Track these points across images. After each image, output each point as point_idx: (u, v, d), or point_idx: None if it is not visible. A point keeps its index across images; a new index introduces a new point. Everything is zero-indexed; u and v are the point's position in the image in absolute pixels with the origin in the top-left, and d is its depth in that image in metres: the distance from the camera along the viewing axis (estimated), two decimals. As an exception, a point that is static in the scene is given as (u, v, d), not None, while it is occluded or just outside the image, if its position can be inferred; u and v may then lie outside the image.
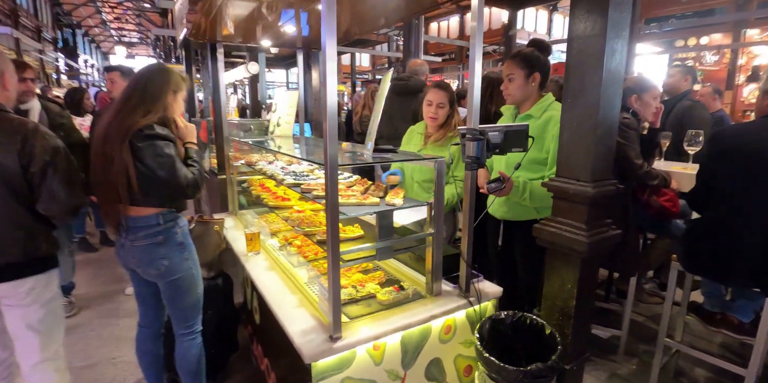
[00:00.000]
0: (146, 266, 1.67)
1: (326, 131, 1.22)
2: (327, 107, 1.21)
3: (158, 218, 1.64)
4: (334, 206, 1.27)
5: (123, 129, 1.53)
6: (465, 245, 1.68)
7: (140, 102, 1.59)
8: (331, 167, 1.24)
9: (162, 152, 1.55)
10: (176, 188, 1.58)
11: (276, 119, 2.98)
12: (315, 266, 1.91)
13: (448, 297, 1.72)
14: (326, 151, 1.23)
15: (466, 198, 1.64)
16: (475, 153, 1.60)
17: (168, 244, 1.67)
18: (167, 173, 1.55)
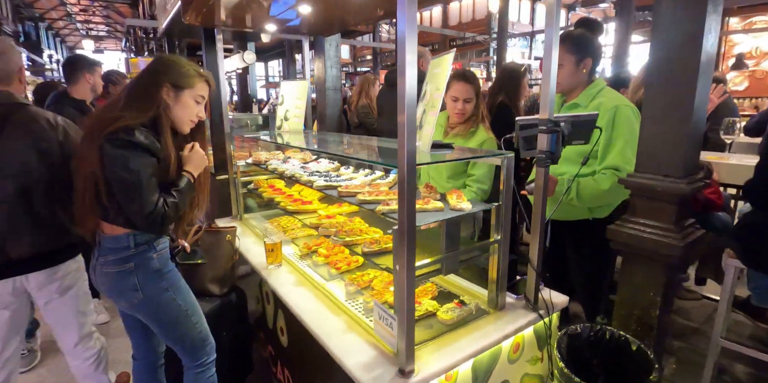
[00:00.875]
0: (117, 297, 1.38)
1: (404, 125, 0.98)
2: (405, 98, 0.97)
3: (129, 240, 1.33)
4: (411, 216, 1.03)
5: (99, 127, 1.24)
6: (534, 250, 1.47)
7: (127, 96, 1.31)
8: (408, 169, 1.00)
9: (131, 166, 1.21)
10: (135, 217, 1.25)
11: (283, 112, 2.69)
12: (351, 279, 1.67)
13: (514, 311, 1.51)
14: (403, 149, 0.99)
15: (538, 198, 1.43)
16: (550, 147, 1.38)
17: (141, 272, 1.35)
18: (126, 195, 1.23)
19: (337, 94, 3.19)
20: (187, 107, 1.36)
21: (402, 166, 1.00)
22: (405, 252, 1.05)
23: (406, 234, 1.04)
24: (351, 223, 1.73)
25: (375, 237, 1.60)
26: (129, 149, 1.21)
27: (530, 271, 1.51)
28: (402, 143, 0.99)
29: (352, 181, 1.69)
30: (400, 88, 0.97)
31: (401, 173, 1.00)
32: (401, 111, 0.98)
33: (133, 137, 1.21)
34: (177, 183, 1.34)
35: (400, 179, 1.01)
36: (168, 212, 1.26)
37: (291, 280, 1.81)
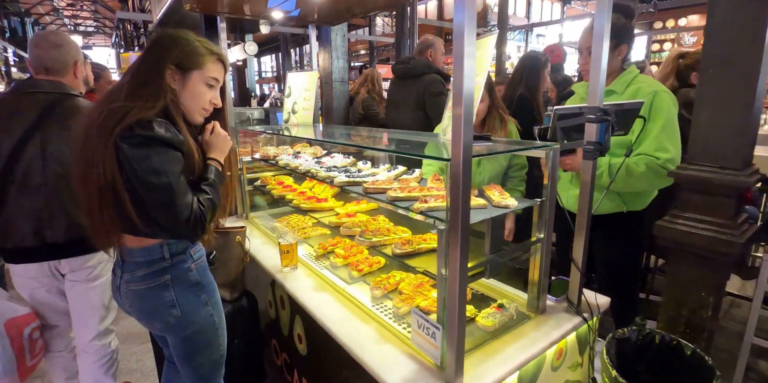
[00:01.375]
0: (149, 318, 1.21)
1: (461, 116, 0.86)
2: (464, 89, 0.85)
3: (162, 250, 1.17)
4: (466, 215, 0.91)
5: (107, 125, 1.02)
6: (579, 248, 1.36)
7: (131, 84, 1.09)
8: (464, 163, 0.88)
9: (157, 167, 1.02)
10: (170, 225, 1.07)
11: (291, 105, 2.55)
12: (377, 282, 1.55)
13: (557, 315, 1.40)
14: (459, 140, 0.87)
15: (584, 194, 1.32)
16: (599, 137, 1.27)
17: (179, 286, 1.20)
18: (156, 202, 1.04)
19: (344, 86, 3.06)
20: (197, 93, 1.15)
21: (457, 159, 0.88)
22: (458, 255, 0.93)
23: (459, 235, 0.92)
24: (375, 222, 1.61)
25: (405, 237, 1.48)
26: (151, 147, 1.02)
27: (573, 271, 1.40)
28: (458, 134, 0.87)
29: (376, 177, 1.56)
30: (458, 79, 0.86)
31: (455, 168, 0.88)
32: (457, 102, 0.86)
33: (153, 130, 1.01)
34: (205, 175, 1.16)
35: (454, 174, 0.89)
36: (205, 212, 1.08)
37: (309, 284, 1.68)
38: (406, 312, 1.39)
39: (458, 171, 0.88)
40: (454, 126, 0.87)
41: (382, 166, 1.79)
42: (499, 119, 1.90)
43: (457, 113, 0.86)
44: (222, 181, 1.21)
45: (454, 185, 0.89)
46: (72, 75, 1.66)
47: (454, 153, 0.88)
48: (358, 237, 1.45)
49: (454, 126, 0.87)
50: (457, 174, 0.88)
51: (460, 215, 0.90)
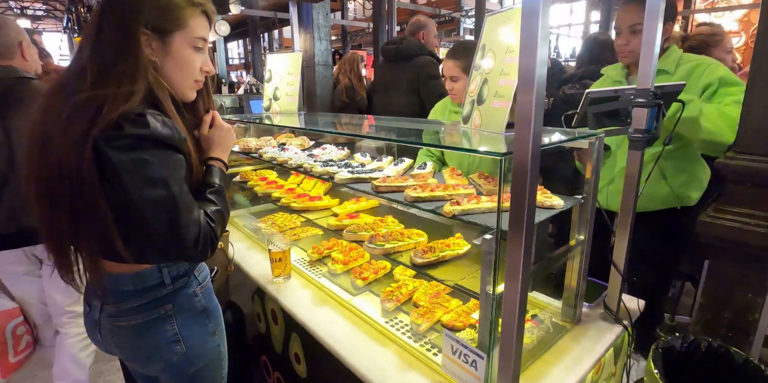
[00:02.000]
0: (145, 359, 0.99)
1: (533, 102, 0.65)
2: (536, 73, 0.65)
3: (161, 274, 0.94)
4: (530, 220, 0.71)
5: (78, 125, 0.76)
6: (621, 250, 1.21)
7: (94, 64, 0.81)
8: (533, 158, 0.68)
9: (157, 175, 0.78)
10: (173, 249, 0.83)
11: (272, 90, 2.27)
12: (387, 293, 1.35)
13: (593, 324, 1.25)
14: (529, 130, 0.66)
15: (630, 189, 1.15)
16: (648, 124, 1.10)
17: (182, 315, 0.98)
18: (159, 221, 0.79)
19: (327, 70, 2.79)
20: (184, 61, 0.89)
21: (524, 154, 0.68)
22: (520, 271, 0.74)
23: (523, 246, 0.72)
24: (384, 224, 1.39)
25: (422, 242, 1.28)
26: (145, 149, 0.77)
27: (613, 275, 1.25)
28: (526, 123, 0.66)
29: (383, 172, 1.34)
30: (530, 62, 0.65)
31: (521, 164, 0.68)
32: (527, 88, 0.65)
33: (147, 127, 0.77)
34: (207, 180, 0.93)
35: (519, 172, 0.69)
36: (215, 228, 0.85)
37: (307, 297, 1.46)
38: (427, 328, 1.20)
39: (525, 168, 0.68)
40: (522, 114, 0.67)
41: (384, 159, 1.57)
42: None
43: (527, 98, 0.66)
44: (228, 186, 1.00)
45: (519, 185, 0.69)
46: (20, 57, 1.60)
47: (520, 147, 0.68)
48: (368, 244, 1.24)
49: (522, 114, 0.67)
50: (523, 171, 0.68)
51: (525, 222, 0.71)
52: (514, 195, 0.71)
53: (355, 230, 1.34)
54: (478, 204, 0.98)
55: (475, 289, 1.00)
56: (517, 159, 0.69)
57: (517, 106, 0.68)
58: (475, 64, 1.23)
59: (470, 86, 1.24)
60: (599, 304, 1.34)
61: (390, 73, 2.53)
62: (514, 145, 0.69)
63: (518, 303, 0.76)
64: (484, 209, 0.98)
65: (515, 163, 0.69)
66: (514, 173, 0.70)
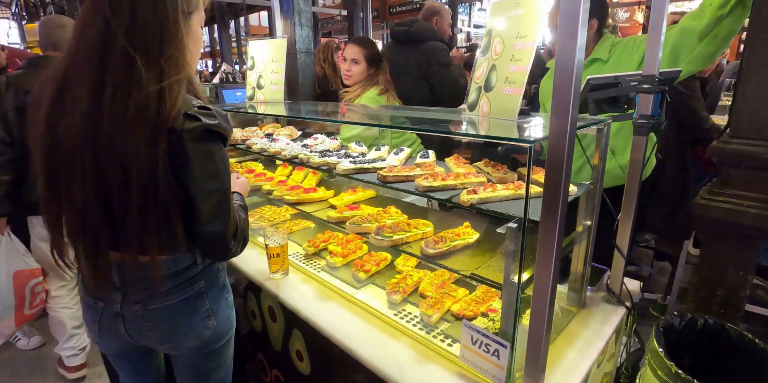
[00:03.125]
0: (181, 337, 1.00)
1: (572, 87, 0.63)
2: (575, 58, 0.62)
3: (193, 256, 0.97)
4: (563, 209, 0.70)
5: (147, 116, 0.77)
6: (625, 233, 1.23)
7: (141, 52, 0.78)
8: (569, 146, 0.66)
9: (219, 168, 0.85)
10: (216, 242, 0.88)
11: (255, 78, 2.17)
12: (393, 285, 1.33)
13: (597, 307, 1.28)
14: (567, 118, 0.65)
15: (634, 173, 1.17)
16: (653, 110, 1.11)
17: (212, 291, 1.03)
18: (212, 213, 0.85)
19: (309, 58, 2.69)
20: (198, 39, 0.93)
21: (560, 140, 0.66)
22: (552, 261, 0.73)
23: (556, 235, 0.71)
24: (388, 215, 1.36)
25: (429, 232, 1.26)
26: (213, 141, 0.83)
27: (617, 258, 1.27)
28: (566, 108, 0.64)
29: (386, 161, 1.31)
30: (569, 46, 0.63)
31: (556, 151, 0.67)
32: (566, 73, 0.63)
33: (215, 119, 0.82)
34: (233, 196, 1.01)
35: (554, 159, 0.67)
36: (245, 231, 0.95)
37: (309, 292, 1.42)
38: (437, 319, 1.19)
39: (562, 153, 0.66)
40: (559, 98, 0.65)
41: (382, 148, 1.53)
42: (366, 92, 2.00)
43: (564, 83, 0.64)
44: (247, 212, 1.04)
45: (555, 171, 0.68)
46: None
47: (557, 131, 0.66)
48: (375, 236, 1.20)
49: (559, 98, 0.65)
50: (559, 157, 0.66)
51: (559, 209, 0.69)
52: (549, 181, 0.69)
53: (359, 221, 1.30)
54: (495, 192, 0.97)
55: (492, 278, 0.99)
56: (553, 146, 0.67)
57: (555, 90, 0.66)
58: (480, 50, 1.21)
59: (476, 73, 1.22)
60: (600, 287, 1.37)
61: (398, 55, 2.44)
62: (551, 130, 0.67)
63: (550, 291, 0.76)
64: (501, 197, 0.97)
65: (551, 149, 0.68)
66: (550, 158, 0.68)
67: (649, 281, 2.96)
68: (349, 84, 2.12)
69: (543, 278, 0.75)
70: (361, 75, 2.04)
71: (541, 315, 0.78)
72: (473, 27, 12.79)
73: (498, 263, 1.08)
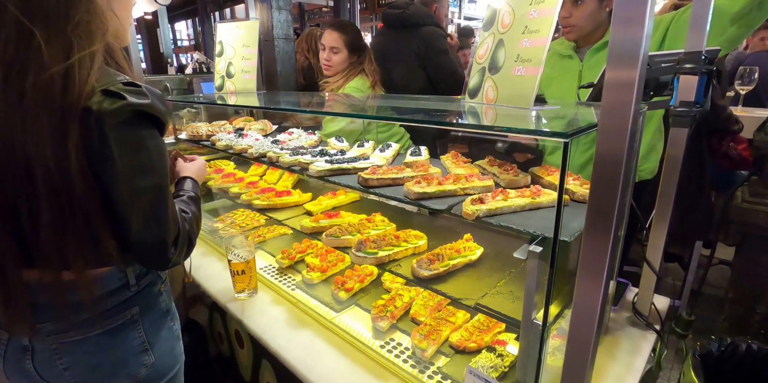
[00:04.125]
0: (107, 378, 0.80)
1: (637, 75, 0.41)
2: (642, 43, 0.40)
3: (125, 275, 0.79)
4: (620, 216, 0.49)
5: (50, 100, 0.60)
6: (658, 244, 1.02)
7: (40, 22, 0.61)
8: (629, 146, 0.44)
9: (149, 160, 0.68)
10: (150, 248, 0.71)
11: (224, 66, 1.93)
12: (379, 308, 1.11)
13: (623, 332, 1.08)
14: (630, 107, 0.43)
15: (670, 173, 0.96)
16: (697, 96, 0.90)
17: (149, 318, 0.83)
18: (144, 214, 0.68)
19: (289, 44, 2.45)
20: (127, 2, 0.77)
21: (620, 134, 0.44)
22: (601, 294, 0.52)
23: (607, 261, 0.50)
24: (372, 224, 1.14)
25: (421, 246, 1.03)
26: (141, 126, 0.67)
27: (646, 275, 1.07)
28: (627, 97, 0.42)
29: (369, 160, 1.08)
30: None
31: (613, 134, 0.45)
32: (628, 58, 0.41)
33: (145, 97, 0.66)
34: (182, 187, 0.91)
35: (608, 153, 0.45)
36: (192, 232, 0.77)
37: (280, 317, 1.19)
38: (432, 353, 0.97)
39: (621, 151, 0.44)
40: (614, 88, 0.43)
41: (366, 143, 1.30)
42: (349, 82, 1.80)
43: (626, 75, 0.42)
44: (200, 201, 0.89)
45: (610, 176, 0.46)
46: None
47: (616, 115, 0.44)
48: (356, 252, 0.98)
49: (614, 88, 0.43)
50: (616, 160, 0.45)
51: (612, 231, 0.48)
52: (599, 190, 0.47)
53: (337, 233, 1.08)
54: (507, 201, 0.75)
55: (503, 309, 0.78)
56: (603, 141, 0.45)
57: (609, 69, 0.44)
58: (482, 26, 0.98)
59: (478, 51, 0.99)
60: (624, 305, 1.17)
61: (392, 42, 2.20)
62: (600, 119, 0.45)
63: (593, 339, 0.54)
64: (515, 207, 0.75)
65: (603, 141, 0.46)
66: (599, 158, 0.46)
67: (658, 283, 2.79)
68: (329, 75, 1.90)
69: (583, 321, 0.54)
70: (343, 64, 1.82)
71: (580, 366, 0.57)
72: (464, 19, 12.56)
73: (509, 287, 0.86)
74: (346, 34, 1.76)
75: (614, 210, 0.48)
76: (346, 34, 1.76)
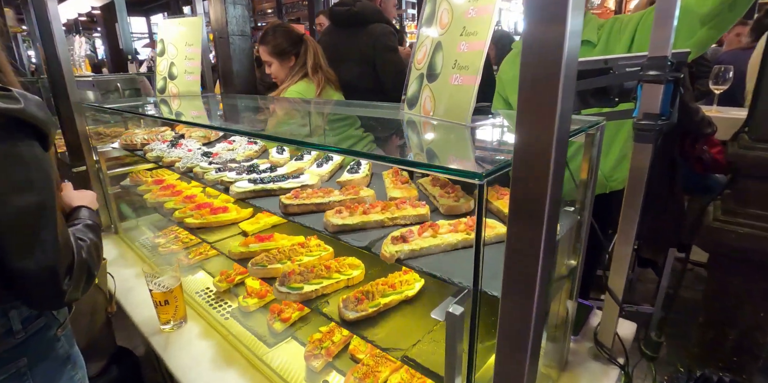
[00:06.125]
0: None
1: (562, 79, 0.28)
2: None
3: (8, 319, 0.68)
4: (546, 262, 0.37)
5: None
6: (620, 272, 0.92)
7: None
8: (555, 173, 0.32)
9: (28, 176, 0.59)
10: (35, 281, 0.60)
11: (166, 67, 1.76)
12: (315, 342, 0.99)
13: (584, 367, 0.97)
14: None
15: (634, 189, 0.85)
16: (662, 107, 0.79)
17: (42, 369, 0.73)
18: (26, 240, 0.59)
19: (245, 42, 2.29)
20: None
21: (543, 159, 0.32)
22: (525, 361, 0.40)
23: (533, 319, 0.38)
24: (306, 249, 1.00)
25: (356, 277, 0.90)
26: (17, 138, 0.58)
27: (608, 304, 0.96)
28: (549, 104, 0.30)
29: (301, 178, 0.94)
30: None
31: (534, 178, 0.33)
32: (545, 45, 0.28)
33: (17, 102, 0.57)
34: (77, 215, 0.81)
35: (526, 189, 0.33)
36: (90, 262, 0.68)
37: (206, 353, 1.06)
38: (370, 399, 0.85)
39: (541, 193, 0.32)
40: (531, 93, 0.31)
41: (306, 156, 1.17)
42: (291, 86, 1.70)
43: (541, 65, 0.29)
44: (100, 227, 0.81)
45: (529, 221, 0.34)
46: None
47: (533, 150, 0.32)
48: (279, 287, 0.85)
49: (531, 93, 0.31)
50: (536, 198, 0.33)
51: (536, 289, 0.36)
52: (517, 238, 0.35)
53: (263, 262, 0.94)
54: (436, 238, 0.63)
55: (436, 361, 0.66)
56: (521, 177, 0.33)
57: (523, 79, 0.31)
58: (423, 20, 0.86)
59: (417, 54, 0.87)
60: (585, 334, 1.07)
61: (340, 40, 2.07)
62: (518, 150, 0.33)
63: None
64: (445, 246, 0.63)
65: (518, 183, 0.33)
66: (518, 198, 0.34)
67: (629, 288, 2.74)
68: (279, 85, 1.81)
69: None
70: (284, 71, 1.74)
71: None
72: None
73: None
74: (267, 44, 1.70)
75: (536, 272, 0.36)
76: (267, 45, 1.70)
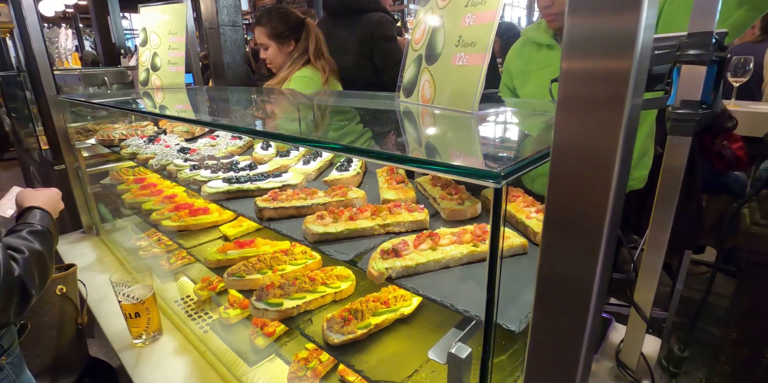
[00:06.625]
0: None
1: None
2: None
3: None
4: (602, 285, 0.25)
5: None
6: (647, 286, 0.80)
7: None
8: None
9: None
10: None
11: (148, 58, 1.65)
12: (300, 360, 0.88)
13: (604, 391, 0.86)
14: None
15: (668, 189, 0.74)
16: (704, 93, 0.67)
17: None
18: None
19: (237, 33, 2.17)
20: None
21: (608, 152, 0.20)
22: None
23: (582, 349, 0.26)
24: (289, 257, 0.89)
25: (345, 291, 0.79)
26: None
27: (633, 320, 0.85)
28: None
29: (283, 177, 0.83)
30: None
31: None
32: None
33: None
34: (26, 220, 0.76)
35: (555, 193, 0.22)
36: (24, 276, 0.62)
37: (179, 371, 0.94)
38: (360, 431, 0.74)
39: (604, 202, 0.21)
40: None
41: (293, 153, 1.05)
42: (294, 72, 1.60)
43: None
44: (55, 234, 0.77)
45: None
46: None
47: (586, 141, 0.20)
48: (255, 303, 0.74)
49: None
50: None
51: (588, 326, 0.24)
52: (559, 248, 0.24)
53: (240, 272, 0.83)
54: (436, 252, 0.51)
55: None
56: (562, 173, 0.21)
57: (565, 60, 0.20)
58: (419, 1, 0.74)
59: (415, 33, 0.75)
60: (606, 351, 0.96)
61: (335, 30, 1.95)
62: (556, 140, 0.21)
63: None
64: (447, 260, 0.51)
65: (556, 179, 0.22)
66: (555, 201, 0.22)
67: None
68: (276, 72, 1.68)
69: None
70: (281, 57, 1.62)
71: None
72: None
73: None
74: (264, 26, 1.59)
75: (587, 309, 0.24)
76: (265, 26, 1.59)
